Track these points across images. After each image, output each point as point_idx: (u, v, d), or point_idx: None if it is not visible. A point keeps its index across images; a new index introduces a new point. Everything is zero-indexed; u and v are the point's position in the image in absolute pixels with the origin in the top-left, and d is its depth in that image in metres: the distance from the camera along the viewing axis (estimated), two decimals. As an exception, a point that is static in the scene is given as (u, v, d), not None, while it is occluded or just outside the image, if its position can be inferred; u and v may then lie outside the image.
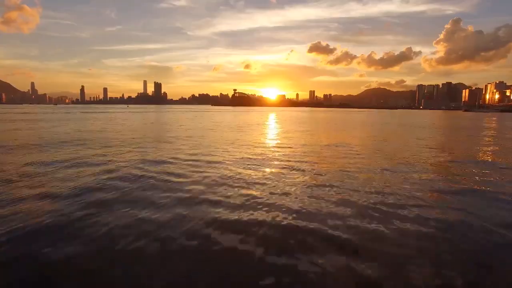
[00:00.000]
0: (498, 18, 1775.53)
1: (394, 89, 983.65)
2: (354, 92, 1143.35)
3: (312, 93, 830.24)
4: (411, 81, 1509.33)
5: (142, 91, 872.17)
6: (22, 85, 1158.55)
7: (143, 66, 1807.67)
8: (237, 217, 7.33)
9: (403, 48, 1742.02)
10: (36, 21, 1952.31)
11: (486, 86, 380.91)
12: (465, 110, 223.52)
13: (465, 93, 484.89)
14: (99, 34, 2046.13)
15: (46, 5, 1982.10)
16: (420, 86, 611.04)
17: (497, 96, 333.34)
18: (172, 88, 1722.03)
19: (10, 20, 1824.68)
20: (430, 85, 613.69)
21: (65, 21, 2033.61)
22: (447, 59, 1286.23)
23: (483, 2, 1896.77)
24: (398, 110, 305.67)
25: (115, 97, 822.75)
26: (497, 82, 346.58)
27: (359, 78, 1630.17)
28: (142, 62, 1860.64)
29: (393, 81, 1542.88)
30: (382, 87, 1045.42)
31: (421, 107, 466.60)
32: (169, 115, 79.28)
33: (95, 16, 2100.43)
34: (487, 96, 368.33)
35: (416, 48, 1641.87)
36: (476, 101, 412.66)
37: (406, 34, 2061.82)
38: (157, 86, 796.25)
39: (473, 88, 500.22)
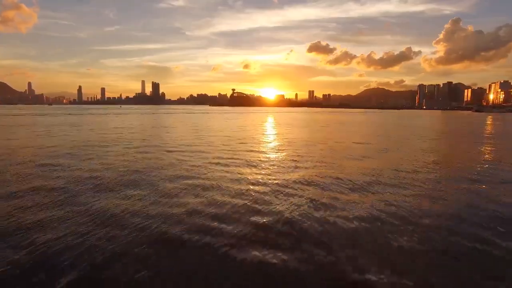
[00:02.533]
0: (497, 18, 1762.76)
1: (393, 89, 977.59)
2: (353, 92, 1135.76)
3: (311, 93, 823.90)
4: (410, 81, 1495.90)
5: (140, 91, 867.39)
6: (21, 85, 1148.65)
7: (142, 66, 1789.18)
8: None
9: (401, 48, 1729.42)
10: (34, 21, 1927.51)
11: (490, 85, 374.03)
12: (476, 111, 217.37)
13: (468, 93, 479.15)
14: (98, 34, 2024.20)
15: (45, 5, 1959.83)
16: (421, 86, 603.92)
17: (502, 95, 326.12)
18: (171, 88, 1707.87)
19: (7, 20, 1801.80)
20: (431, 85, 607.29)
21: (64, 21, 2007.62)
22: (447, 59, 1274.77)
23: (481, 2, 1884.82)
24: (405, 110, 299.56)
25: (113, 97, 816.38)
26: (502, 81, 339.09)
27: (358, 78, 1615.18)
28: (141, 62, 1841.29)
29: (392, 81, 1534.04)
30: (381, 87, 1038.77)
31: (424, 107, 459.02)
32: (156, 119, 71.22)
33: (94, 16, 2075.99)
34: (491, 96, 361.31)
35: (415, 48, 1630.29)
36: (478, 101, 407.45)
37: (405, 34, 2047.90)
38: (155, 86, 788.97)
39: (475, 88, 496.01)
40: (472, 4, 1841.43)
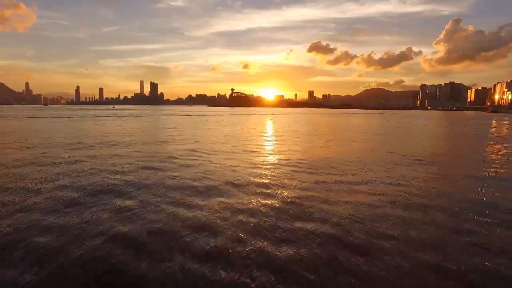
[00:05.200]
0: (495, 19, 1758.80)
1: (393, 89, 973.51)
2: (353, 92, 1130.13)
3: (311, 93, 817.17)
4: (409, 81, 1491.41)
5: (139, 91, 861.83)
6: (18, 86, 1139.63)
7: (141, 67, 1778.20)
8: None
9: (400, 49, 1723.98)
10: (32, 21, 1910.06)
11: (495, 85, 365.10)
12: (492, 111, 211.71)
13: (471, 93, 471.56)
14: (97, 34, 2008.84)
15: (43, 5, 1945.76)
16: (423, 86, 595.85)
17: (510, 96, 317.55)
18: (170, 89, 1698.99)
19: (5, 19, 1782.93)
20: (433, 85, 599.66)
21: (62, 21, 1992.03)
22: (446, 59, 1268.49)
23: (479, 2, 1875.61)
24: (413, 111, 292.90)
25: (111, 98, 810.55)
26: (508, 81, 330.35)
27: (357, 78, 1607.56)
28: (140, 62, 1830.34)
29: (391, 81, 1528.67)
30: (380, 87, 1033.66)
31: (428, 108, 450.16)
32: (134, 128, 63.56)
33: (92, 16, 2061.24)
34: (496, 97, 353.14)
35: (414, 49, 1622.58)
36: (482, 101, 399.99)
37: (404, 35, 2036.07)
38: (153, 86, 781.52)
39: (475, 88, 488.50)
40: (469, 4, 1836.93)
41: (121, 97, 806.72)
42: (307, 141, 32.38)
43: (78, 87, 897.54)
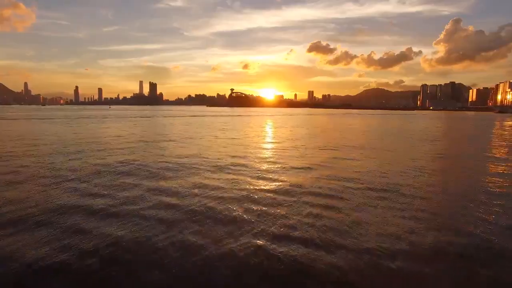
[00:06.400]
0: (494, 19, 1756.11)
1: (393, 89, 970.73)
2: (353, 92, 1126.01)
3: (310, 93, 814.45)
4: (409, 81, 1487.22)
5: (138, 91, 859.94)
6: (17, 86, 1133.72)
7: (140, 67, 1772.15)
8: None
9: (400, 49, 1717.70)
10: (32, 21, 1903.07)
11: (497, 85, 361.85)
12: (500, 112, 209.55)
13: (472, 93, 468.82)
14: (96, 34, 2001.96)
15: (42, 4, 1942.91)
16: (424, 86, 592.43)
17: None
18: (170, 89, 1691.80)
19: (3, 18, 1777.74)
20: (433, 85, 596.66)
21: (62, 21, 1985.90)
22: (446, 59, 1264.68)
23: (478, 3, 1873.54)
24: (415, 111, 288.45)
25: (110, 98, 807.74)
26: (511, 81, 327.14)
27: (357, 78, 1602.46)
28: (139, 62, 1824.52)
29: (391, 81, 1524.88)
30: (380, 87, 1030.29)
31: (430, 108, 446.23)
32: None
33: (92, 16, 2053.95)
34: (499, 97, 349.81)
35: (414, 49, 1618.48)
36: (484, 101, 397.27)
37: (404, 35, 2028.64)
38: (152, 86, 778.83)
39: (475, 88, 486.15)
40: (469, 4, 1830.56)
41: (120, 97, 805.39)
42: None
43: (77, 87, 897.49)
